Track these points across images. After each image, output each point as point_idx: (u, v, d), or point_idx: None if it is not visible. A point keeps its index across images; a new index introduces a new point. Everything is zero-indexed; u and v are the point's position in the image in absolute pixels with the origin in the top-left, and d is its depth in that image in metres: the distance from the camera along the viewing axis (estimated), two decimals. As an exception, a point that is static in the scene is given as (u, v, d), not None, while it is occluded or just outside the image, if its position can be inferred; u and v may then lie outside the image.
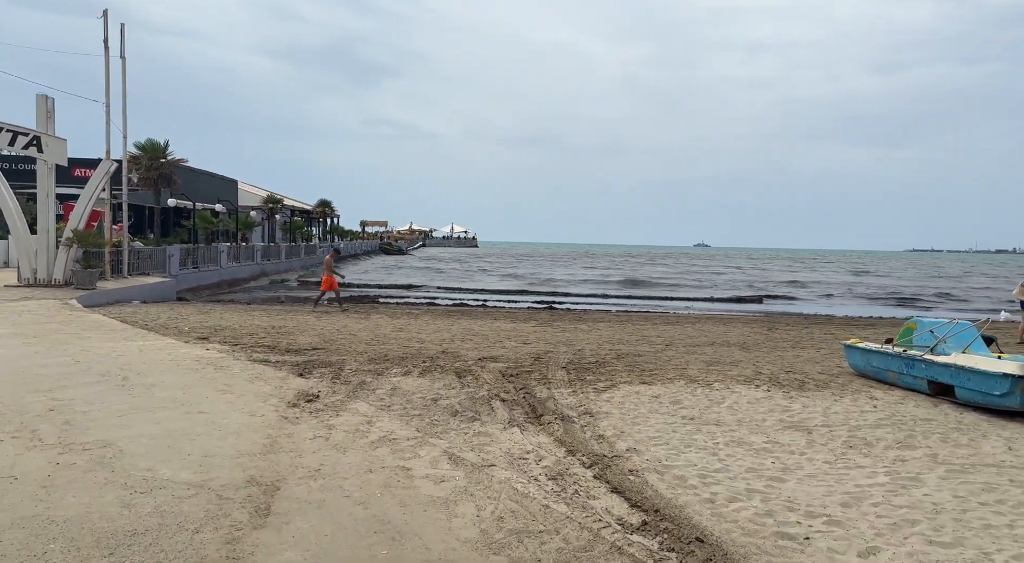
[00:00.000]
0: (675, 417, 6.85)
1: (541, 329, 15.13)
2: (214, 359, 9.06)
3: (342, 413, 6.29)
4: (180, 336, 11.92)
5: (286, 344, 11.54)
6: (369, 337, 12.86)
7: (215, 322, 14.47)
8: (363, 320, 16.16)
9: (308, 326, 14.47)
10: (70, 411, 5.98)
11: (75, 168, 21.09)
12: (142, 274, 21.62)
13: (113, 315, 14.64)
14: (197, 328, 13.27)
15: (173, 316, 15.28)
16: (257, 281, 35.13)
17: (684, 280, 49.38)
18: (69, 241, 16.73)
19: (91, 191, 17.14)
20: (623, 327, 16.06)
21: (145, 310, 16.14)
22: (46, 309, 13.56)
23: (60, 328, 11.28)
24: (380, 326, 14.82)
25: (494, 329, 14.94)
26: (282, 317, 16.29)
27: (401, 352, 10.92)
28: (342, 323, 15.20)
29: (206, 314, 16.11)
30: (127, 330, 11.59)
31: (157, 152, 23.99)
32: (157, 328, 12.93)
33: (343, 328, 14.20)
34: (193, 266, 26.71)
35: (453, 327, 15.08)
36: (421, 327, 14.92)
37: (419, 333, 13.74)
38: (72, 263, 17.06)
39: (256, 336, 12.45)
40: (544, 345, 12.26)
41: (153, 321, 14.09)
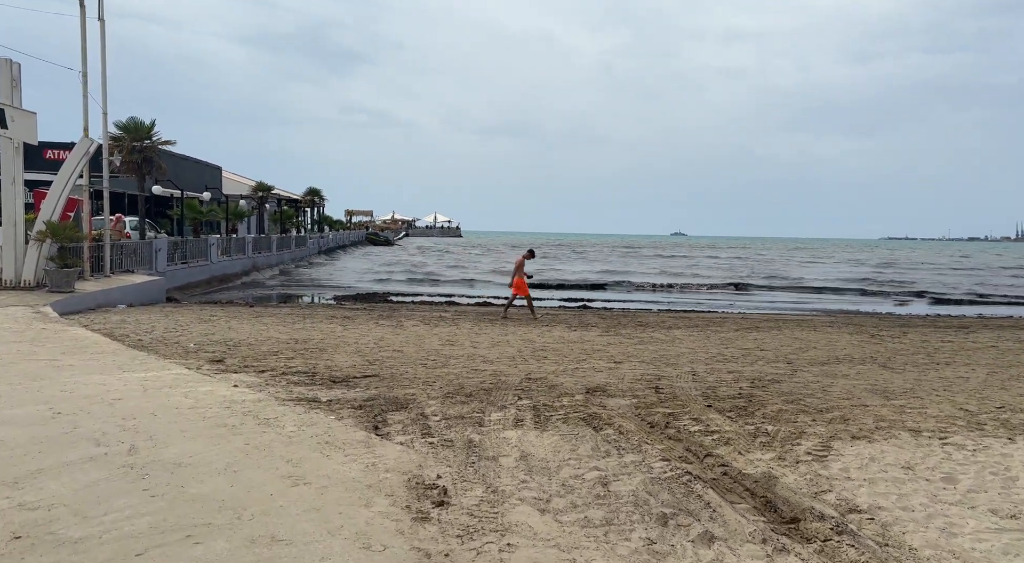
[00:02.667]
0: (985, 513, 4.52)
1: (614, 340, 12.75)
2: (249, 403, 6.55)
3: (506, 534, 3.84)
4: (187, 358, 9.39)
5: (325, 368, 9.07)
6: (418, 354, 10.42)
7: (223, 334, 11.90)
8: (396, 328, 13.66)
9: (335, 338, 11.98)
10: (49, 542, 3.48)
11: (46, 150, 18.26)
12: (126, 272, 18.88)
13: (97, 326, 12.01)
14: (205, 344, 10.71)
15: (170, 326, 12.67)
16: (248, 276, 32.38)
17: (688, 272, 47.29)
18: (41, 235, 13.99)
19: (67, 174, 14.39)
20: (704, 335, 13.72)
21: (135, 318, 13.48)
22: (12, 321, 10.90)
23: (31, 351, 8.68)
24: (423, 338, 12.35)
25: (559, 340, 12.54)
26: (299, 325, 13.75)
27: (476, 379, 8.49)
28: (376, 334, 12.69)
29: (209, 322, 13.50)
30: (119, 352, 9.01)
31: (141, 132, 21.14)
32: (155, 345, 10.36)
33: (381, 341, 11.71)
34: (181, 261, 23.96)
35: (509, 337, 12.65)
36: (470, 338, 12.47)
37: (474, 347, 11.30)
38: (45, 261, 14.33)
39: (282, 355, 9.94)
40: (642, 365, 9.90)
41: (148, 334, 11.49)
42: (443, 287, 31.71)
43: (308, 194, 56.58)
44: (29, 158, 15.25)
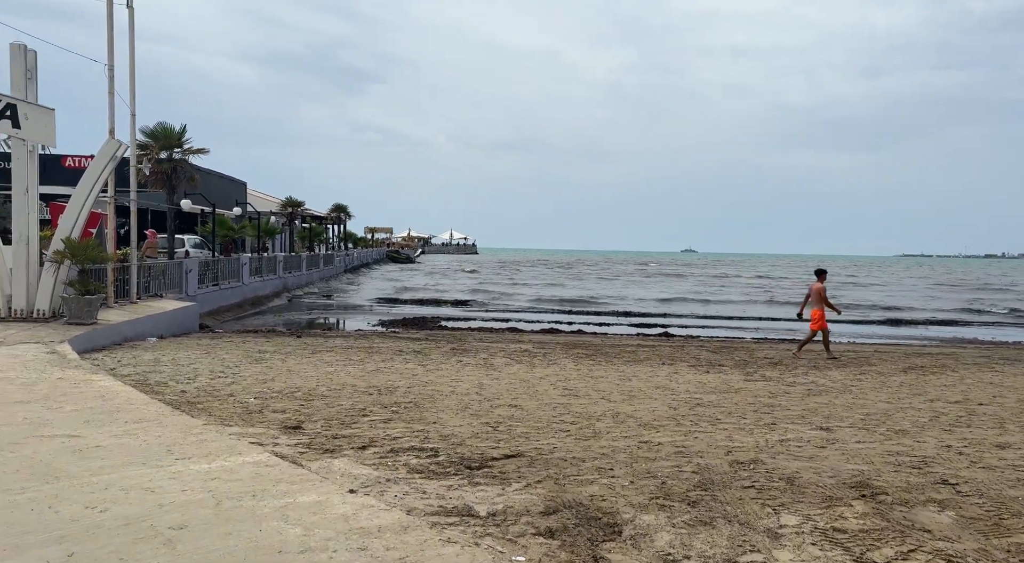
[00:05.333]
0: None
1: (767, 386, 10.18)
2: (390, 535, 4.00)
3: None
4: (252, 423, 6.92)
5: (441, 438, 6.60)
6: (545, 412, 7.94)
7: (284, 380, 9.43)
8: (487, 369, 11.15)
9: (423, 384, 9.50)
10: None
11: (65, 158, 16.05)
12: (154, 297, 16.52)
13: (126, 370, 9.58)
14: (268, 397, 8.24)
15: (216, 368, 10.21)
16: (280, 297, 30.05)
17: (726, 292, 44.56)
18: (59, 255, 11.62)
19: (91, 182, 12.04)
20: (878, 379, 11.09)
21: (171, 357, 11.04)
22: (21, 367, 8.47)
23: (42, 418, 6.22)
24: (530, 384, 9.83)
25: (697, 385, 10.00)
26: (368, 364, 11.28)
27: (664, 464, 5.96)
28: (469, 378, 10.18)
29: (261, 362, 11.04)
30: (162, 417, 6.52)
31: (171, 139, 18.90)
32: (205, 401, 7.89)
33: (482, 390, 9.21)
34: (212, 283, 21.62)
35: (634, 382, 10.11)
36: (586, 382, 9.97)
37: (607, 400, 8.78)
38: (62, 287, 11.96)
39: (374, 416, 7.45)
40: (865, 436, 7.32)
41: (191, 382, 9.04)
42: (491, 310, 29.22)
43: (334, 210, 54.47)
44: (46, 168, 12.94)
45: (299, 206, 37.91)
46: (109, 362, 10.20)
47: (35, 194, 11.84)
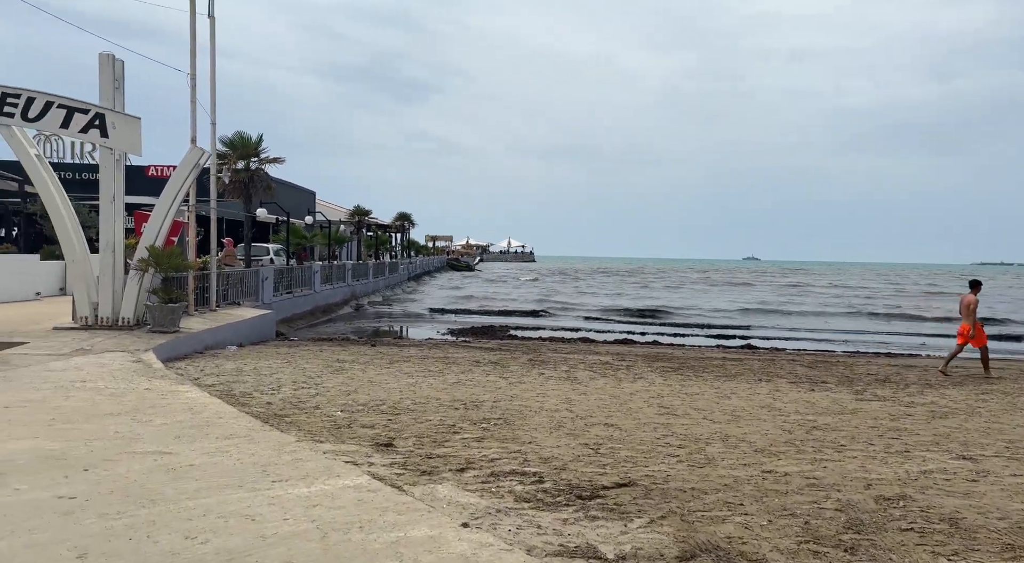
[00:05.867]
0: None
1: (884, 406, 9.30)
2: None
3: None
4: (343, 439, 6.59)
5: (540, 461, 6.13)
6: (645, 433, 7.36)
7: (368, 392, 9.12)
8: (572, 382, 10.61)
9: (509, 398, 9.04)
10: None
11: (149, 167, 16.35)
12: (232, 304, 16.64)
13: (211, 380, 9.45)
14: (354, 410, 7.92)
15: (298, 378, 10.00)
16: (349, 305, 30.24)
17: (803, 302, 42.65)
18: (143, 263, 11.70)
19: (175, 189, 12.11)
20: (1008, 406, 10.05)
21: (253, 366, 10.92)
22: (109, 376, 8.41)
23: (132, 433, 6.02)
24: (621, 400, 9.24)
25: (804, 404, 9.22)
26: (448, 375, 10.91)
27: (799, 499, 5.33)
28: (555, 393, 9.66)
29: (341, 372, 10.80)
30: (253, 433, 6.23)
31: (248, 149, 19.14)
32: (292, 413, 7.63)
33: (572, 406, 8.67)
34: (286, 291, 21.79)
35: (733, 400, 9.40)
36: (681, 399, 9.32)
37: (710, 420, 8.13)
38: (146, 295, 12.04)
39: (466, 434, 7.02)
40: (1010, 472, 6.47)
41: (275, 393, 8.82)
42: (560, 319, 28.68)
43: (398, 218, 54.95)
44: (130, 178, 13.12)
45: (367, 214, 38.26)
46: (193, 371, 10.12)
47: (121, 203, 11.97)
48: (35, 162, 11.74)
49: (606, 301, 40.03)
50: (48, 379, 8.02)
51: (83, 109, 11.43)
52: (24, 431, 5.87)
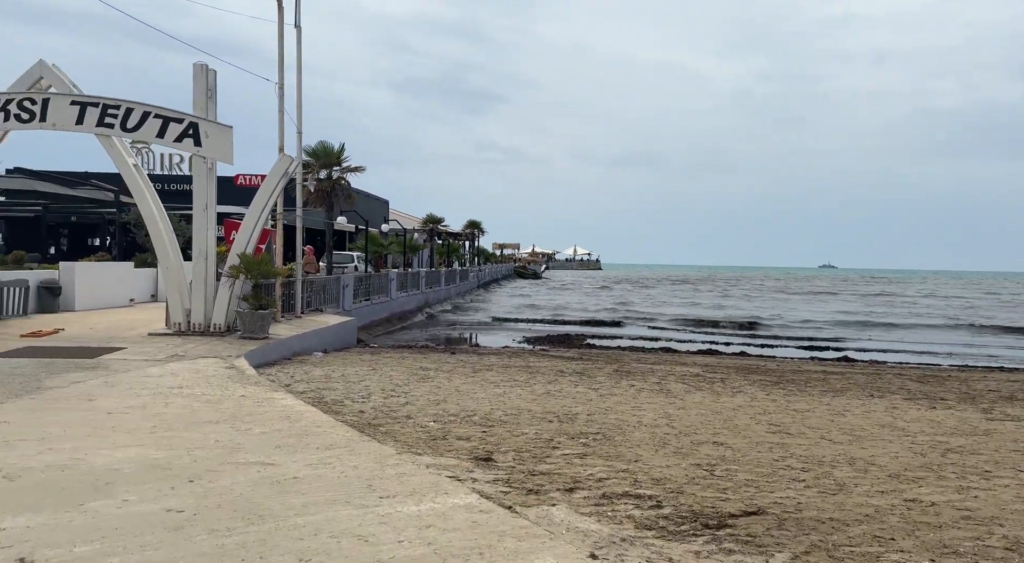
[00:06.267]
0: None
1: (1019, 428, 8.40)
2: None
3: None
4: (440, 451, 6.32)
5: (652, 482, 5.71)
6: (760, 453, 6.83)
7: (456, 402, 8.86)
8: (666, 395, 10.08)
9: (602, 411, 8.59)
10: None
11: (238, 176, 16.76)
12: (315, 311, 16.81)
13: (302, 387, 9.40)
14: (445, 420, 7.66)
15: (385, 386, 9.86)
16: (423, 312, 30.38)
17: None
18: (235, 270, 11.87)
19: (265, 197, 12.26)
20: None
21: (340, 373, 10.87)
22: (205, 383, 8.44)
23: (233, 442, 5.91)
24: (724, 416, 8.66)
25: (929, 423, 8.41)
26: (536, 385, 10.56)
27: (961, 538, 4.71)
28: (651, 406, 9.16)
29: (427, 380, 10.61)
30: (352, 443, 6.03)
31: (331, 158, 19.43)
32: (385, 423, 7.43)
33: (672, 421, 8.17)
34: (364, 298, 21.99)
35: (849, 418, 8.67)
36: (790, 416, 8.67)
37: (828, 439, 7.50)
38: (236, 301, 12.21)
39: (566, 449, 6.64)
40: None
41: (365, 401, 8.67)
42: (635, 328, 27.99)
43: (468, 226, 55.27)
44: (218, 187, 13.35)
45: (439, 222, 38.54)
46: (283, 378, 10.12)
47: (213, 211, 12.20)
48: (133, 171, 12.10)
49: (681, 310, 38.96)
50: (147, 385, 8.09)
51: (178, 119, 11.71)
52: (128, 438, 5.84)
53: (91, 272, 16.52)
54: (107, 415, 6.59)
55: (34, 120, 11.56)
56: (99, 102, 11.59)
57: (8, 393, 7.32)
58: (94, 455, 5.29)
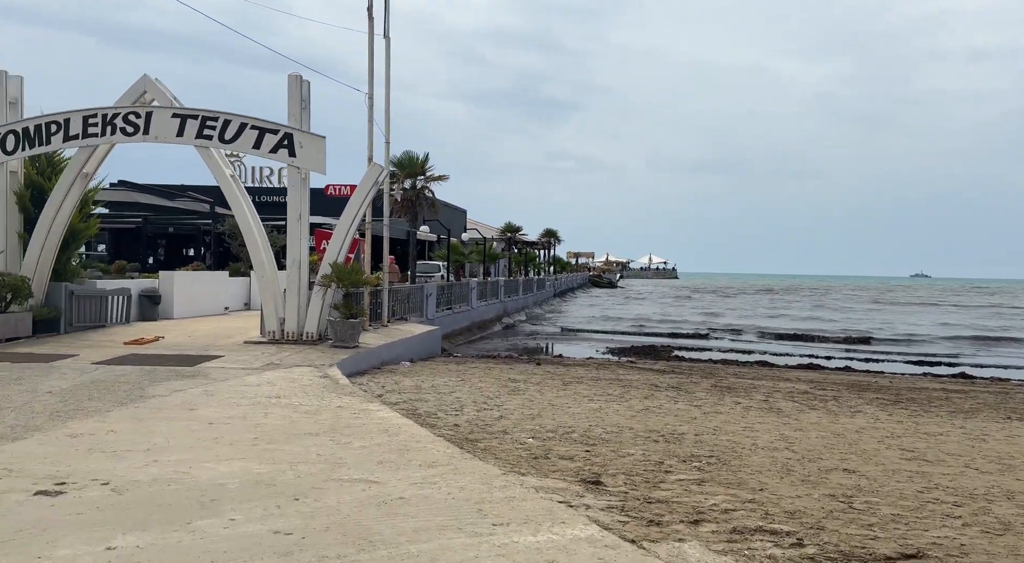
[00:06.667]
0: None
1: None
2: None
3: None
4: (544, 471, 5.93)
5: (787, 517, 5.16)
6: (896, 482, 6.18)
7: (553, 417, 8.45)
8: (777, 414, 9.36)
9: (709, 432, 7.99)
10: None
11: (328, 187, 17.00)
12: (400, 320, 16.81)
13: (394, 398, 9.23)
14: (542, 436, 7.26)
15: (477, 398, 9.57)
16: (502, 321, 30.22)
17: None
18: (327, 279, 11.91)
19: (356, 206, 12.28)
20: None
21: (430, 383, 10.68)
22: (302, 392, 8.36)
23: (334, 456, 5.70)
24: (850, 440, 7.92)
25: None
26: (631, 400, 10.04)
27: None
28: (767, 428, 8.50)
29: (519, 394, 10.25)
30: (454, 460, 5.72)
31: (416, 167, 19.52)
32: (482, 438, 7.10)
33: (792, 443, 7.49)
34: (446, 307, 21.95)
35: (1021, 452, 7.75)
36: (942, 447, 7.81)
37: (985, 473, 6.73)
38: (328, 310, 12.24)
39: (678, 474, 6.14)
40: None
41: (458, 413, 8.39)
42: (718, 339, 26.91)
43: (544, 235, 54.99)
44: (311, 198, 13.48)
45: (517, 231, 38.41)
46: (375, 388, 10.00)
47: (307, 221, 12.30)
48: (230, 182, 12.35)
49: (772, 322, 37.33)
50: (245, 394, 8.07)
51: (273, 130, 11.87)
52: (231, 451, 5.72)
53: (188, 281, 17.08)
54: (209, 425, 6.54)
55: (138, 133, 11.97)
56: (198, 114, 11.89)
57: (115, 401, 7.42)
58: (198, 469, 5.18)
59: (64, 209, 12.48)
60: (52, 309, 12.52)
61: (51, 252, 12.58)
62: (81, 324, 13.14)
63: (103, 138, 12.05)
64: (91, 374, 8.95)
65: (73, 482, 4.73)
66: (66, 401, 7.33)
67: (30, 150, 12.30)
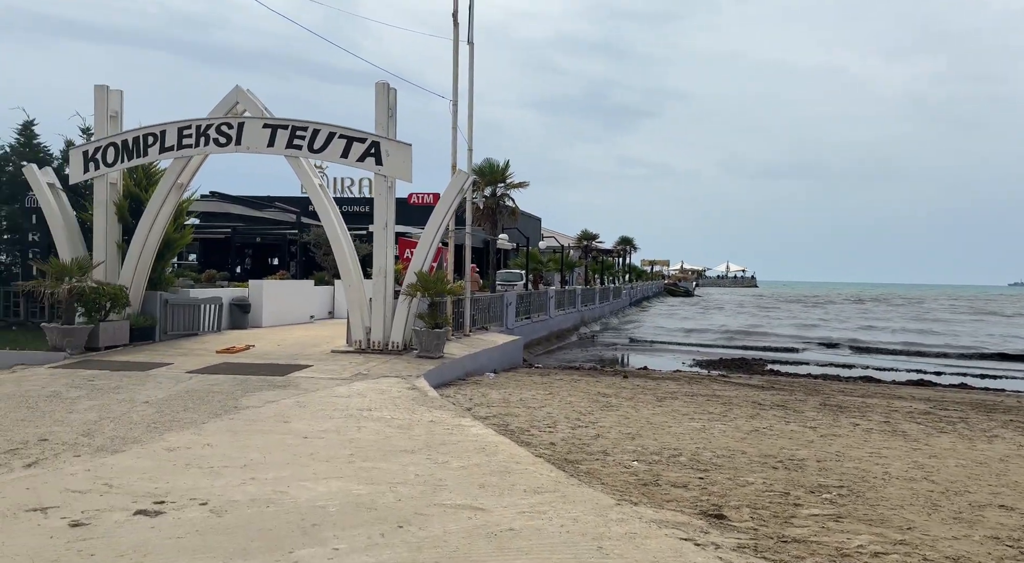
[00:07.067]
0: None
1: None
2: None
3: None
4: (658, 502, 5.43)
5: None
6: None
7: (655, 437, 7.89)
8: (897, 437, 8.48)
9: (836, 458, 7.24)
10: None
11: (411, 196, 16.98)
12: (480, 329, 16.53)
13: (483, 412, 8.87)
14: (653, 464, 6.72)
15: (568, 414, 9.09)
16: (579, 331, 29.64)
17: None
18: (412, 288, 11.73)
19: (442, 214, 12.07)
20: None
21: (518, 396, 10.29)
22: (392, 405, 8.11)
23: (432, 477, 5.36)
24: (997, 471, 7.02)
25: None
26: (737, 419, 9.35)
27: None
28: (891, 449, 7.67)
29: (611, 410, 9.71)
30: (559, 486, 5.28)
31: (496, 175, 19.31)
32: (582, 459, 6.63)
33: (931, 473, 6.68)
34: (525, 316, 21.59)
35: None
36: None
37: None
38: (413, 319, 12.05)
39: (811, 508, 5.52)
40: None
41: (552, 430, 7.95)
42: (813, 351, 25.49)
43: (620, 243, 54.05)
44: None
45: (594, 238, 37.77)
46: (463, 400, 9.69)
47: (392, 229, 12.18)
48: (318, 191, 12.37)
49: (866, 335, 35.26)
50: (336, 406, 7.88)
51: (360, 138, 11.80)
52: (328, 468, 5.47)
53: (277, 290, 17.34)
54: (303, 440, 6.33)
55: (230, 144, 12.14)
56: (288, 124, 11.96)
57: (209, 412, 7.35)
58: (297, 488, 4.92)
59: (160, 219, 12.79)
60: (148, 317, 12.84)
61: (147, 262, 12.92)
62: (175, 332, 13.43)
63: (197, 149, 12.29)
64: (186, 383, 8.99)
65: (172, 501, 4.55)
66: (162, 411, 7.31)
67: (128, 162, 12.67)
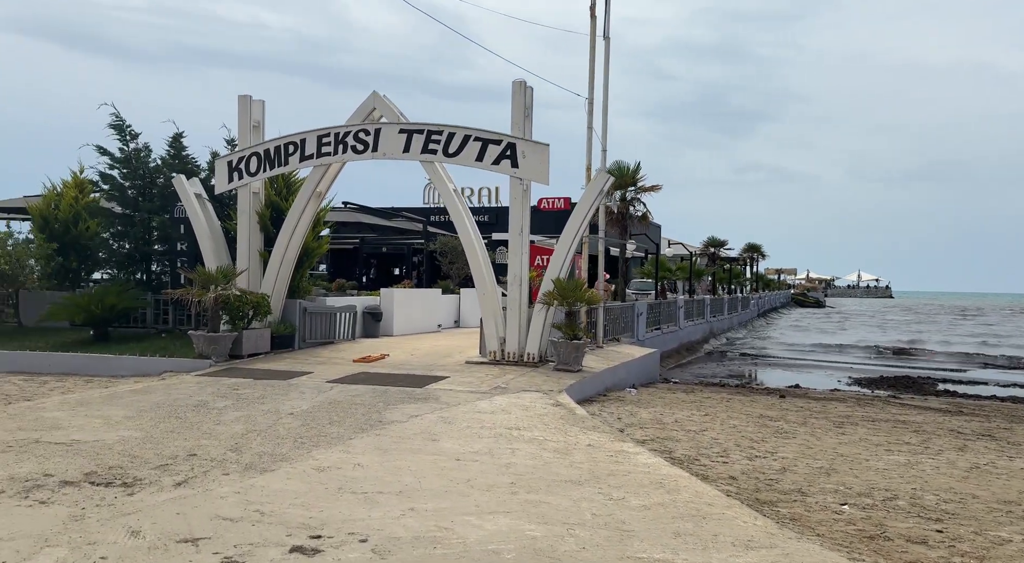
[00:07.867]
0: None
1: None
2: None
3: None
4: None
5: None
6: None
7: (854, 473, 6.70)
8: None
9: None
10: None
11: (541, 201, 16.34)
12: (612, 341, 15.60)
13: (637, 434, 7.98)
14: (866, 508, 5.60)
15: (740, 441, 8.01)
16: (708, 343, 27.97)
17: None
18: (549, 297, 11.03)
19: (581, 217, 11.30)
20: None
21: (673, 417, 9.31)
22: (538, 422, 7.40)
23: (616, 520, 4.56)
24: None
25: None
26: (940, 449, 7.91)
27: None
28: None
29: (787, 436, 8.52)
30: (775, 542, 4.33)
31: (626, 178, 18.38)
32: (780, 502, 5.61)
33: None
34: (655, 327, 20.42)
35: None
36: None
37: None
38: (550, 330, 11.35)
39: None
40: None
41: (723, 459, 6.94)
42: (977, 370, 22.58)
43: (746, 250, 51.21)
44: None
45: (722, 245, 35.80)
46: (610, 418, 8.85)
47: (527, 235, 11.57)
48: (453, 196, 11.98)
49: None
50: (483, 423, 7.26)
51: (496, 140, 11.29)
52: (490, 500, 4.80)
53: (407, 299, 17.22)
54: (456, 462, 5.72)
55: (367, 150, 11.99)
56: (423, 129, 11.65)
57: (354, 426, 6.94)
58: (461, 524, 4.27)
59: (300, 228, 12.85)
60: (288, 325, 12.91)
61: (288, 270, 13.01)
62: (312, 340, 13.46)
63: (335, 157, 12.23)
64: (327, 394, 8.71)
65: (329, 536, 4.00)
66: (308, 425, 6.97)
67: (270, 171, 12.83)
